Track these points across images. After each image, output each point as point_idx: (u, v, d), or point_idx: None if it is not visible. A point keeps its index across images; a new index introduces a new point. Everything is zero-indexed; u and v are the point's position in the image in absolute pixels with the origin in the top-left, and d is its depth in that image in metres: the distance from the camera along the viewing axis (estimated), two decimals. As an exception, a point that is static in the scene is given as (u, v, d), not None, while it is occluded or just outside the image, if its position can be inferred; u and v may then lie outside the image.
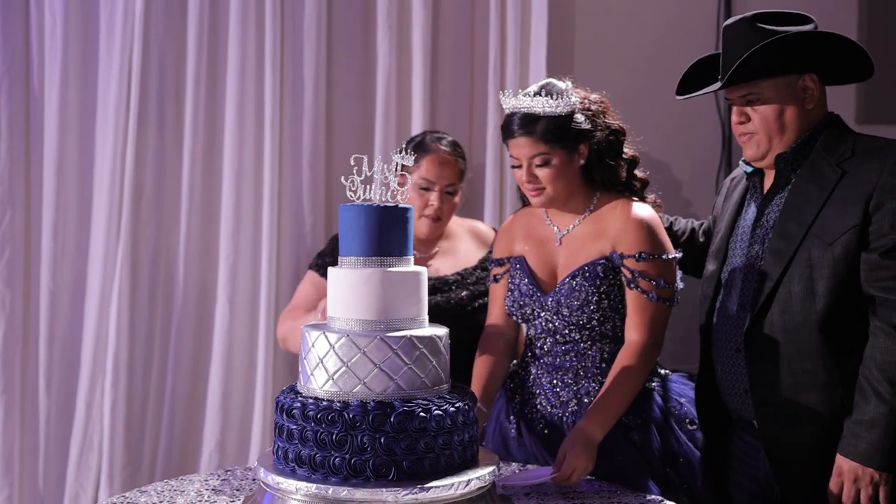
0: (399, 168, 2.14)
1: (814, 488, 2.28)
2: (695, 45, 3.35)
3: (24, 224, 3.42)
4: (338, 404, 1.97)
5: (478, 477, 2.01)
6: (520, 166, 2.55)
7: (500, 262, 2.72)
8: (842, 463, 2.22)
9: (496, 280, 2.73)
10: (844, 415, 2.25)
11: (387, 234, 2.08)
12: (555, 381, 2.59)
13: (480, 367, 2.64)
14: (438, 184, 2.94)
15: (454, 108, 3.62)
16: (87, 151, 3.45)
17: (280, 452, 2.05)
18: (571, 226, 2.61)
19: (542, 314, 2.58)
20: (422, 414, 1.97)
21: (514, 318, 2.66)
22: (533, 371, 2.64)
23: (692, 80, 2.53)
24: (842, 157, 2.32)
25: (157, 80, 3.44)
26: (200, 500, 2.28)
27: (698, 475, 2.48)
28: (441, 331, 2.10)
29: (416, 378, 2.03)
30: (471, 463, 2.08)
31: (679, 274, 2.54)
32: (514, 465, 2.56)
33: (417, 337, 2.02)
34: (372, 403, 1.96)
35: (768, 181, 2.46)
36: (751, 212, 2.49)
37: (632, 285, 2.49)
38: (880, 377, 2.18)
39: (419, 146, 2.98)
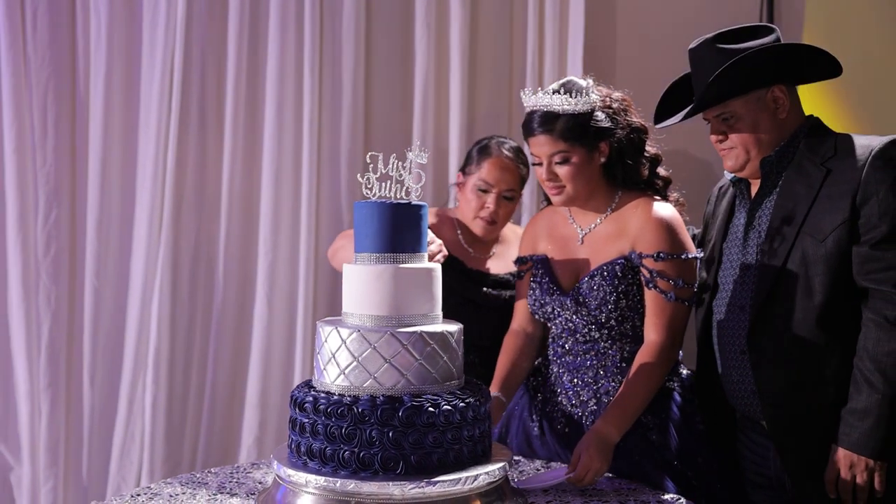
0: (413, 165, 2.16)
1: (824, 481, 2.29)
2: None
3: (69, 222, 3.52)
4: (348, 398, 2.00)
5: (486, 472, 2.02)
6: (540, 164, 2.55)
7: (523, 261, 2.73)
8: (838, 452, 2.24)
9: (520, 277, 2.74)
10: None
11: (400, 230, 2.10)
12: (575, 380, 2.58)
13: (502, 359, 2.68)
14: (497, 187, 2.94)
15: (492, 107, 3.64)
16: (130, 151, 3.54)
17: (293, 446, 2.08)
18: (593, 224, 2.60)
19: (563, 313, 2.58)
20: (430, 409, 1.98)
21: (537, 316, 2.67)
22: (554, 370, 2.64)
23: (672, 103, 2.55)
24: (825, 157, 2.34)
25: (199, 82, 3.51)
26: (223, 492, 2.33)
27: (717, 476, 2.45)
28: (453, 327, 2.11)
29: (427, 373, 2.04)
30: (482, 458, 2.08)
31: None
32: (538, 463, 2.56)
33: (428, 333, 2.04)
34: (381, 398, 1.99)
35: (755, 186, 2.47)
36: (741, 217, 2.50)
37: (650, 285, 2.48)
38: (872, 367, 2.20)
39: (483, 149, 2.99)
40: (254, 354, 3.54)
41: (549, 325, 2.67)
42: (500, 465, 2.07)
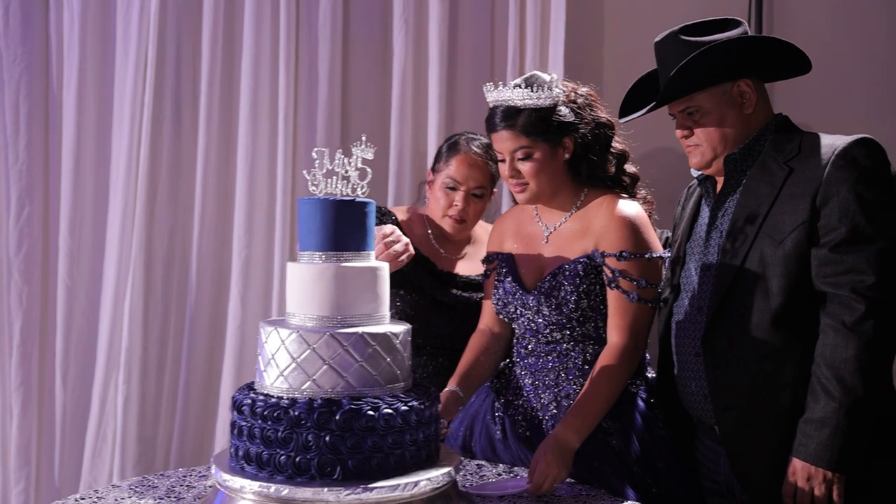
0: (359, 161, 2.09)
1: (777, 491, 2.20)
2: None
3: (41, 219, 3.49)
4: (285, 401, 1.94)
5: (429, 478, 1.95)
6: (503, 160, 2.48)
7: (489, 259, 2.67)
8: (795, 463, 2.15)
9: (487, 276, 2.68)
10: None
11: (343, 228, 2.03)
12: (536, 383, 2.51)
13: (464, 356, 2.62)
14: (465, 185, 2.84)
15: (472, 104, 3.55)
16: (103, 148, 3.50)
17: (233, 450, 2.02)
18: (559, 223, 2.53)
19: (525, 313, 2.51)
20: (370, 412, 1.91)
21: (501, 315, 2.60)
22: (517, 371, 2.57)
23: (639, 98, 2.47)
24: (789, 156, 2.26)
25: (173, 77, 3.47)
26: (171, 496, 2.28)
27: (678, 482, 2.37)
28: (398, 328, 2.04)
29: (368, 376, 1.97)
30: (426, 463, 2.01)
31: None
32: (501, 467, 2.49)
33: (370, 334, 1.97)
34: (319, 401, 1.92)
35: (721, 185, 2.39)
36: (705, 216, 2.42)
37: (612, 285, 2.40)
38: (829, 375, 2.11)
39: (452, 146, 2.90)
40: (228, 354, 3.48)
41: (513, 325, 2.60)
42: (445, 470, 2.00)
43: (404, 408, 1.96)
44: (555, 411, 2.47)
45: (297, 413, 1.91)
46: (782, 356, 2.19)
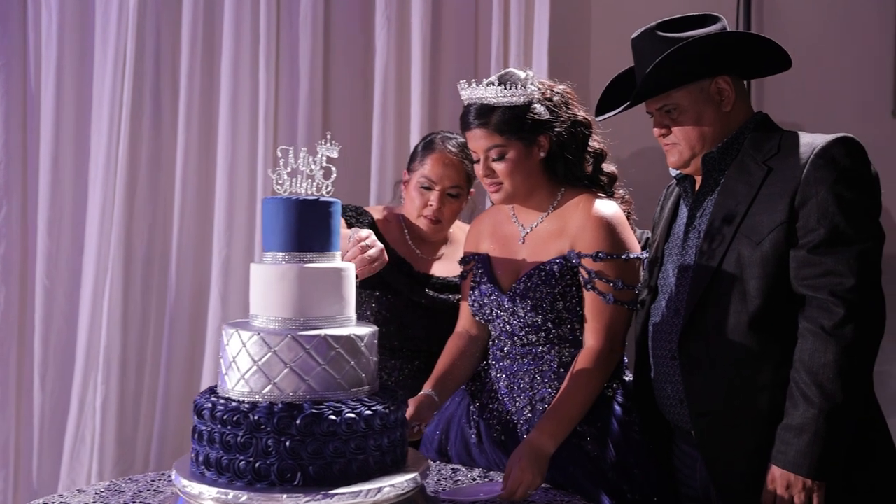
0: (324, 160, 2.04)
1: (754, 497, 2.13)
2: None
3: (20, 219, 3.46)
4: (246, 405, 1.90)
5: (392, 484, 1.90)
6: (478, 160, 2.43)
7: (466, 260, 2.62)
8: (774, 471, 2.09)
9: (464, 277, 2.62)
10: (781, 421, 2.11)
11: (307, 228, 1.99)
12: (511, 386, 2.46)
13: (441, 359, 2.57)
14: (440, 184, 2.77)
15: (455, 102, 3.47)
16: (82, 146, 3.46)
17: (194, 455, 1.98)
18: (535, 223, 2.48)
19: (501, 315, 2.46)
20: (331, 417, 1.87)
21: (477, 317, 2.55)
22: (492, 374, 2.52)
23: (616, 97, 2.41)
24: (768, 155, 2.20)
25: (152, 75, 3.43)
26: (136, 501, 2.23)
27: (654, 489, 2.32)
28: (364, 330, 1.99)
29: (331, 379, 1.93)
30: (392, 468, 1.97)
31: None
32: (477, 472, 2.44)
33: (333, 336, 1.93)
34: (280, 405, 1.88)
35: (700, 184, 2.33)
36: (683, 216, 2.36)
37: (588, 286, 2.35)
38: (808, 380, 2.04)
39: (428, 144, 2.84)
40: (208, 354, 3.44)
41: (489, 327, 2.55)
42: (410, 476, 1.96)
43: (368, 412, 1.92)
44: (529, 415, 2.41)
45: (256, 417, 1.87)
46: (760, 360, 2.13)
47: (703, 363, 2.18)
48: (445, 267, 2.86)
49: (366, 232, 2.44)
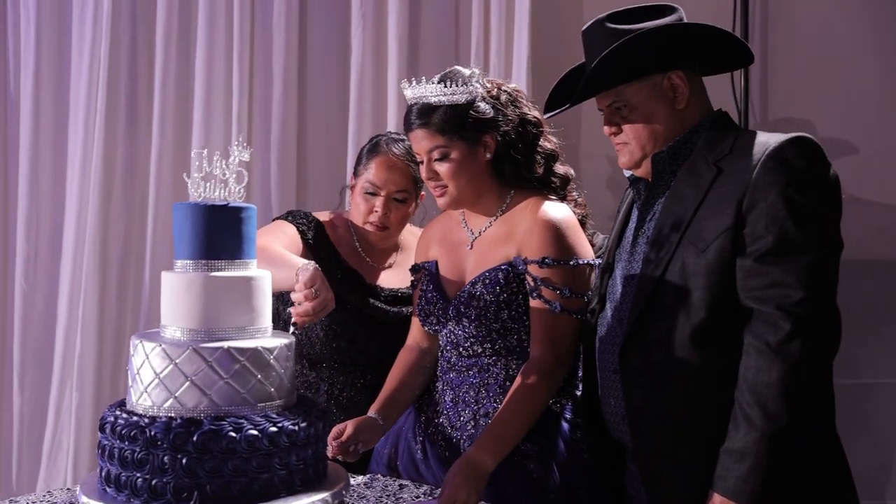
0: (237, 163, 1.96)
1: None
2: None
3: (1, 223, 3.43)
4: (145, 420, 1.82)
5: (298, 505, 1.81)
6: (422, 161, 2.32)
7: (416, 269, 2.50)
8: (714, 497, 1.92)
9: (414, 287, 2.51)
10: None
11: (215, 235, 1.90)
12: (457, 399, 2.34)
13: (389, 377, 2.45)
14: (385, 189, 2.63)
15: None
16: (60, 149, 3.46)
17: (99, 470, 1.91)
18: (483, 228, 2.37)
19: (447, 324, 2.35)
20: (231, 433, 1.78)
21: (426, 328, 2.44)
22: (439, 387, 2.41)
23: (567, 93, 2.25)
24: (720, 155, 2.02)
25: (126, 77, 3.41)
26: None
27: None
28: (274, 342, 1.90)
29: (235, 394, 1.84)
30: (301, 488, 1.87)
31: None
32: (425, 488, 2.33)
33: (237, 348, 1.84)
34: (179, 420, 1.80)
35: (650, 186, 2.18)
36: (634, 220, 2.20)
37: (534, 294, 2.22)
38: (751, 401, 1.87)
39: (372, 147, 2.70)
40: (183, 360, 3.38)
41: (438, 337, 2.44)
42: (320, 496, 1.86)
43: (273, 429, 1.82)
44: (473, 430, 2.29)
45: (153, 433, 1.79)
46: (703, 376, 1.96)
47: (644, 379, 2.03)
48: (396, 276, 2.73)
49: (314, 276, 2.22)
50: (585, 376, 2.26)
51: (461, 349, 2.33)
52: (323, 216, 2.74)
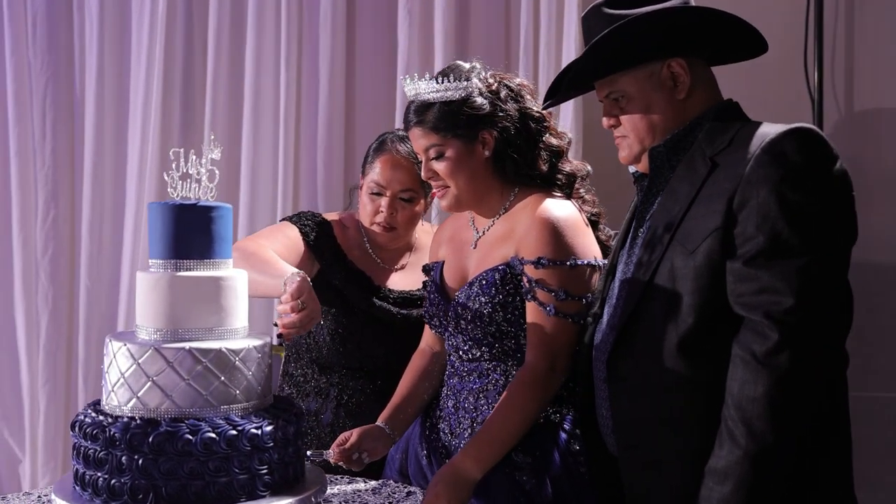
0: (210, 162, 1.94)
1: None
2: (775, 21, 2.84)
3: (67, 223, 3.58)
4: (109, 419, 1.83)
5: (253, 512, 1.78)
6: (421, 161, 2.26)
7: (427, 269, 2.44)
8: None
9: (426, 288, 2.44)
10: None
11: (185, 234, 1.89)
12: (457, 405, 2.26)
13: (401, 383, 2.40)
14: (390, 189, 2.55)
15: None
16: (119, 151, 3.55)
17: (73, 470, 1.93)
18: (487, 227, 2.28)
19: (448, 327, 2.27)
20: (187, 435, 1.77)
21: (432, 329, 2.37)
22: (443, 392, 2.33)
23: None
24: (718, 148, 1.85)
25: (181, 82, 3.47)
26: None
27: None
28: (240, 344, 1.87)
29: (196, 395, 1.82)
30: (261, 492, 1.83)
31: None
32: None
33: (200, 349, 1.82)
34: (138, 420, 1.80)
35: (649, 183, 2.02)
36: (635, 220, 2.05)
37: (528, 296, 2.12)
38: (736, 416, 1.71)
39: (378, 146, 2.62)
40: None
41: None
42: (286, 502, 1.82)
43: (232, 432, 1.80)
44: (469, 439, 2.21)
45: (112, 433, 1.79)
46: (691, 388, 1.81)
47: (632, 389, 1.89)
48: (408, 278, 2.65)
49: (301, 288, 2.13)
50: (583, 385, 2.13)
51: (461, 353, 2.25)
52: (333, 217, 2.69)
